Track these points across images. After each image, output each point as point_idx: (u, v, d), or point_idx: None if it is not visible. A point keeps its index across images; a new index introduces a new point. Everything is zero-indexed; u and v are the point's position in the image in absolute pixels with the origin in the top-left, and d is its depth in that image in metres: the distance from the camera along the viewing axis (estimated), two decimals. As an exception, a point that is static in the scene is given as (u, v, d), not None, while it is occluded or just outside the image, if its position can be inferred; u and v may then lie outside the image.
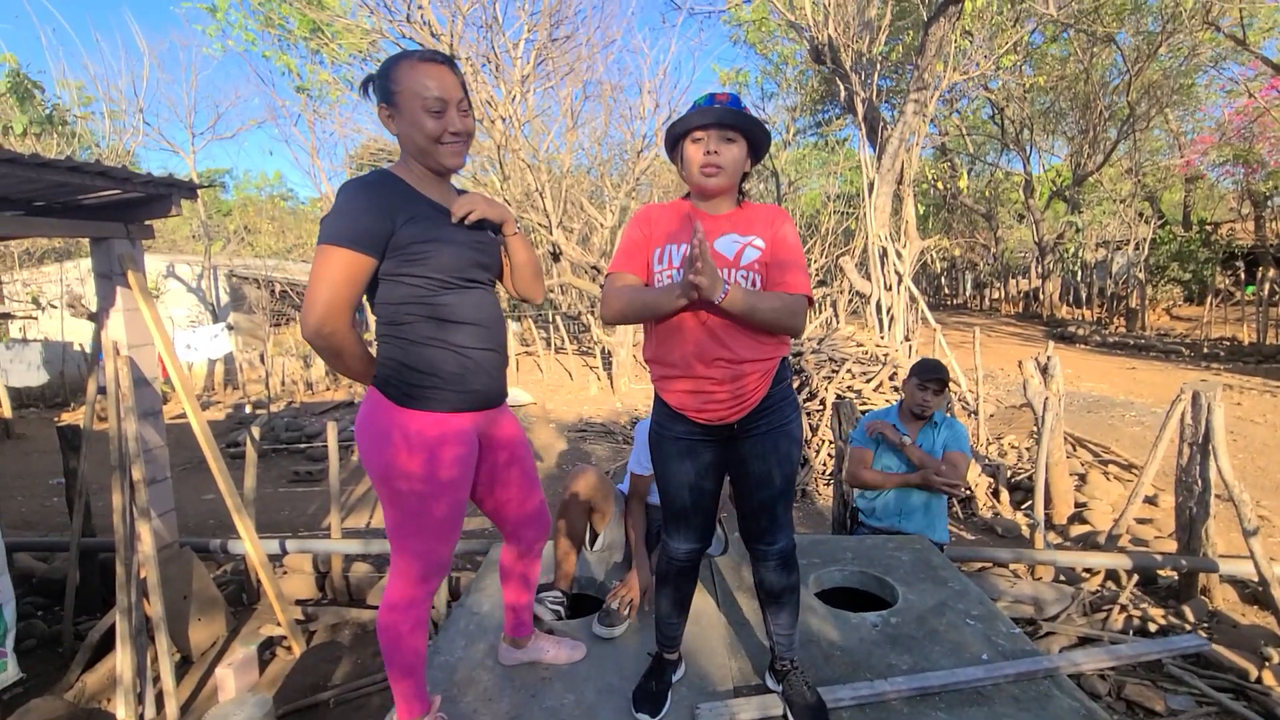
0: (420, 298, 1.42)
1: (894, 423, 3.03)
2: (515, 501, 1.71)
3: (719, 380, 1.53)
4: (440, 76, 1.41)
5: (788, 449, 1.61)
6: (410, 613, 1.50)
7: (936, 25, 6.72)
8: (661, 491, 1.70)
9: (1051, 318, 17.48)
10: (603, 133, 11.86)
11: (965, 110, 16.67)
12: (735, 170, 1.59)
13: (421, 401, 1.43)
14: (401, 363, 1.43)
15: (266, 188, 29.25)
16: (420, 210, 1.43)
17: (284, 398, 12.15)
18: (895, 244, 7.99)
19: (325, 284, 1.34)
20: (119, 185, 3.43)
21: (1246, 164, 13.18)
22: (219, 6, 10.32)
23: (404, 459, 1.41)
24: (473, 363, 1.48)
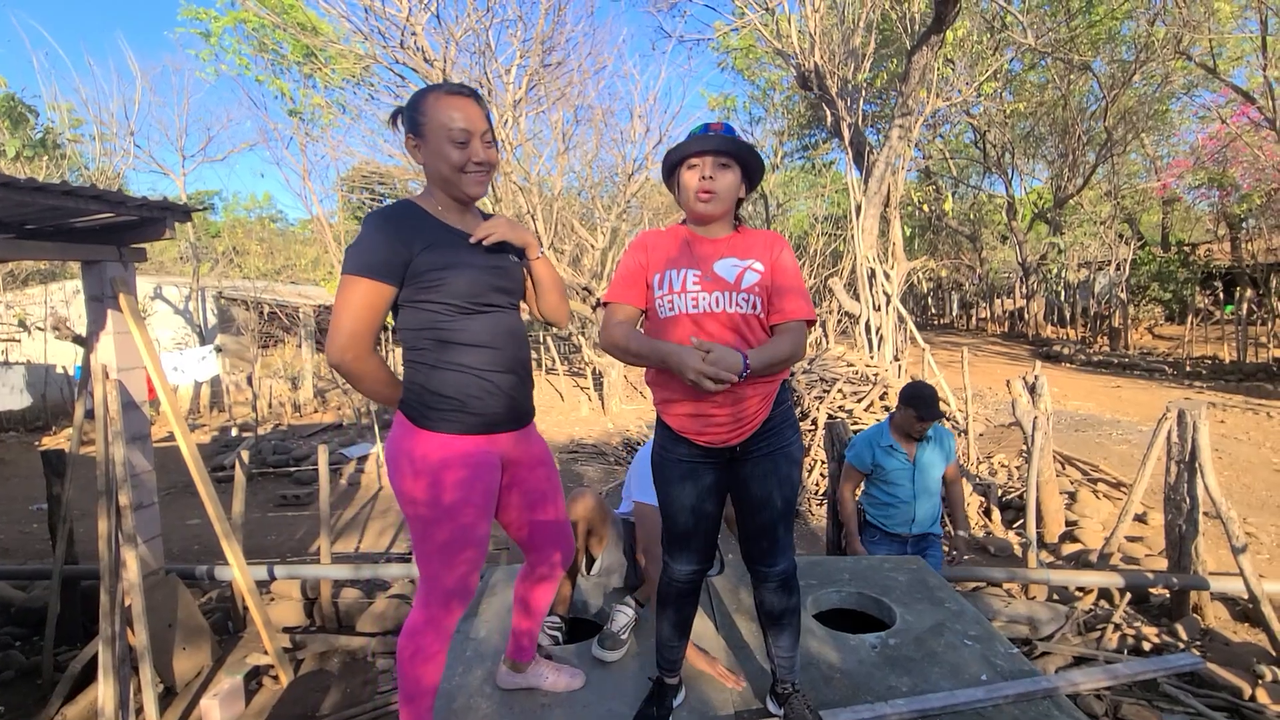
0: (436, 323, 1.46)
1: (887, 441, 3.07)
2: (538, 521, 1.71)
3: (720, 404, 1.55)
4: (466, 109, 1.46)
5: (788, 471, 1.63)
6: (414, 639, 1.50)
7: (919, 53, 6.90)
8: (664, 515, 1.70)
9: (1037, 337, 17.71)
10: (593, 156, 12.01)
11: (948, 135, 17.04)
12: (730, 196, 1.63)
13: (435, 423, 1.46)
14: (423, 386, 1.47)
15: (256, 209, 29.24)
16: (438, 237, 1.47)
17: (271, 420, 12.01)
18: (883, 265, 8.10)
19: (348, 312, 1.39)
20: (113, 209, 3.43)
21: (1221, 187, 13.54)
22: (213, 31, 10.41)
23: (408, 483, 1.44)
24: (491, 384, 1.50)
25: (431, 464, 1.44)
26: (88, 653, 3.43)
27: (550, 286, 1.68)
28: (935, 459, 3.07)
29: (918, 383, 3.13)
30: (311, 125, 11.72)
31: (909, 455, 3.07)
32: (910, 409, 2.98)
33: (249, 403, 12.45)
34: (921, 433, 2.99)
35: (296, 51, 10.77)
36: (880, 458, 3.10)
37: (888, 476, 3.09)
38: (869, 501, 3.21)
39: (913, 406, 2.97)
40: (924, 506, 3.05)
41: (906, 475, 3.06)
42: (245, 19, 10.89)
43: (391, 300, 1.45)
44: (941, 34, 6.75)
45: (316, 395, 13.25)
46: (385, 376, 1.51)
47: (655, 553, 2.22)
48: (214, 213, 28.70)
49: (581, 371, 15.54)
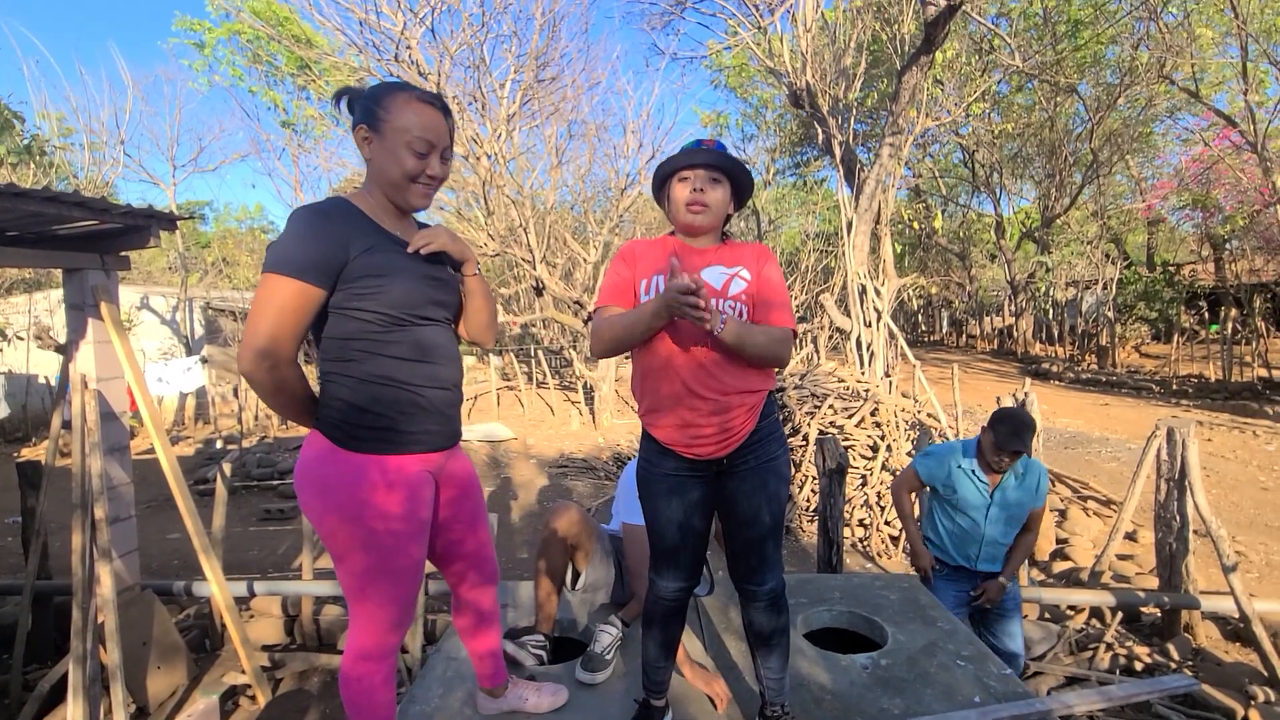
0: (367, 333, 1.35)
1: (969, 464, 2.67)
2: (469, 542, 1.62)
3: (706, 414, 1.53)
4: (433, 119, 1.40)
5: (776, 486, 1.60)
6: (385, 663, 1.43)
7: (909, 74, 6.98)
8: (650, 531, 1.67)
9: (1026, 355, 17.84)
10: (587, 170, 12.05)
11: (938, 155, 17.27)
12: (720, 210, 1.62)
13: (362, 443, 1.35)
14: (348, 403, 1.35)
15: (247, 220, 29.13)
16: (377, 242, 1.37)
17: (257, 433, 11.85)
18: (874, 281, 8.14)
19: (268, 314, 1.26)
20: (96, 216, 3.38)
21: (1204, 208, 13.77)
22: (207, 42, 10.41)
23: (333, 511, 1.34)
24: (426, 401, 1.41)
25: (360, 488, 1.33)
26: (58, 671, 3.32)
27: (483, 305, 1.59)
28: (1021, 499, 2.65)
29: (1009, 407, 2.75)
30: (304, 137, 11.72)
31: (990, 485, 2.64)
32: (991, 433, 2.57)
33: (235, 415, 12.28)
34: (1002, 465, 2.56)
35: (291, 64, 10.78)
36: (956, 479, 2.67)
37: (958, 502, 2.67)
38: (928, 524, 2.84)
39: (994, 431, 2.56)
40: (992, 547, 2.68)
41: (981, 508, 2.64)
42: (240, 31, 10.92)
43: (319, 305, 1.32)
44: (931, 55, 6.84)
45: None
46: (304, 392, 1.39)
47: (644, 575, 2.17)
48: (204, 223, 28.58)
49: (572, 385, 15.48)
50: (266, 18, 10.32)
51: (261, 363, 1.28)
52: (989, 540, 2.65)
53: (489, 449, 9.89)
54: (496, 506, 7.07)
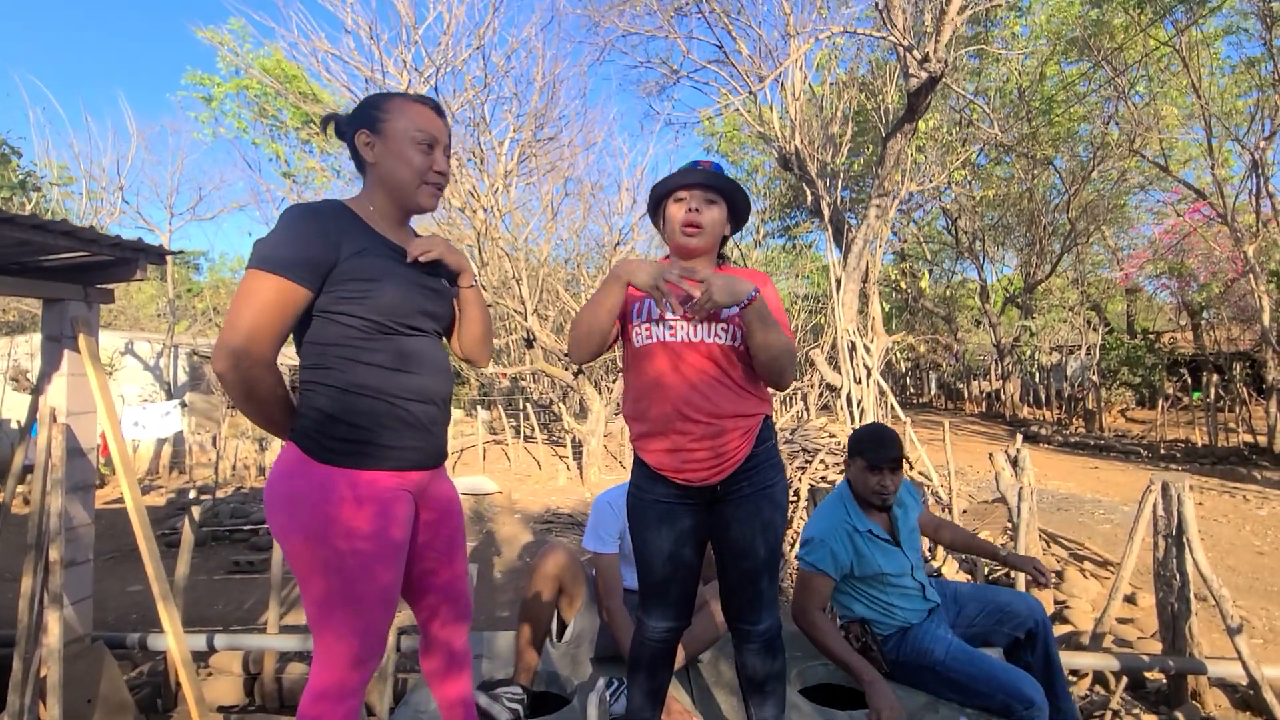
0: (351, 340, 1.29)
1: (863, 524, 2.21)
2: (443, 572, 1.50)
3: (699, 437, 1.47)
4: (431, 117, 1.40)
5: (771, 515, 1.53)
6: (343, 705, 1.29)
7: (894, 140, 7.26)
8: (638, 562, 1.57)
9: (1014, 418, 17.91)
10: (581, 226, 12.28)
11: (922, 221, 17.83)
12: (715, 231, 1.61)
13: (338, 456, 1.27)
14: (327, 413, 1.28)
15: (241, 270, 29.24)
16: (369, 245, 1.33)
17: (233, 483, 11.52)
18: (863, 339, 8.20)
19: (250, 310, 1.20)
20: (84, 246, 3.35)
21: (1180, 276, 14.19)
22: (214, 96, 10.71)
23: (303, 529, 1.24)
24: (411, 416, 1.34)
25: (327, 503, 1.24)
26: (-11, 730, 3.06)
27: (477, 319, 1.53)
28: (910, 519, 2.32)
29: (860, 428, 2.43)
30: (304, 188, 11.92)
31: (889, 534, 2.23)
32: (860, 459, 2.18)
33: (211, 464, 11.97)
34: (887, 491, 2.17)
35: (295, 118, 11.09)
36: (862, 548, 2.16)
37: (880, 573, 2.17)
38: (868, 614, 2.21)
39: (859, 453, 2.19)
40: (924, 566, 2.33)
41: (898, 555, 2.21)
42: (248, 86, 11.27)
43: (304, 306, 1.27)
44: (914, 123, 7.13)
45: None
46: (281, 396, 1.31)
47: (618, 609, 2.06)
48: (198, 273, 28.69)
49: (561, 440, 15.26)
50: (275, 75, 10.68)
51: (236, 362, 1.21)
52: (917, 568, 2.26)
53: (473, 503, 9.62)
54: (478, 562, 6.80)
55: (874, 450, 2.17)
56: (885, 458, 2.15)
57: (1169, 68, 11.05)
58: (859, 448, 2.22)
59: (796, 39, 7.61)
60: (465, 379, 17.83)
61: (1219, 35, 10.72)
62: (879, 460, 2.15)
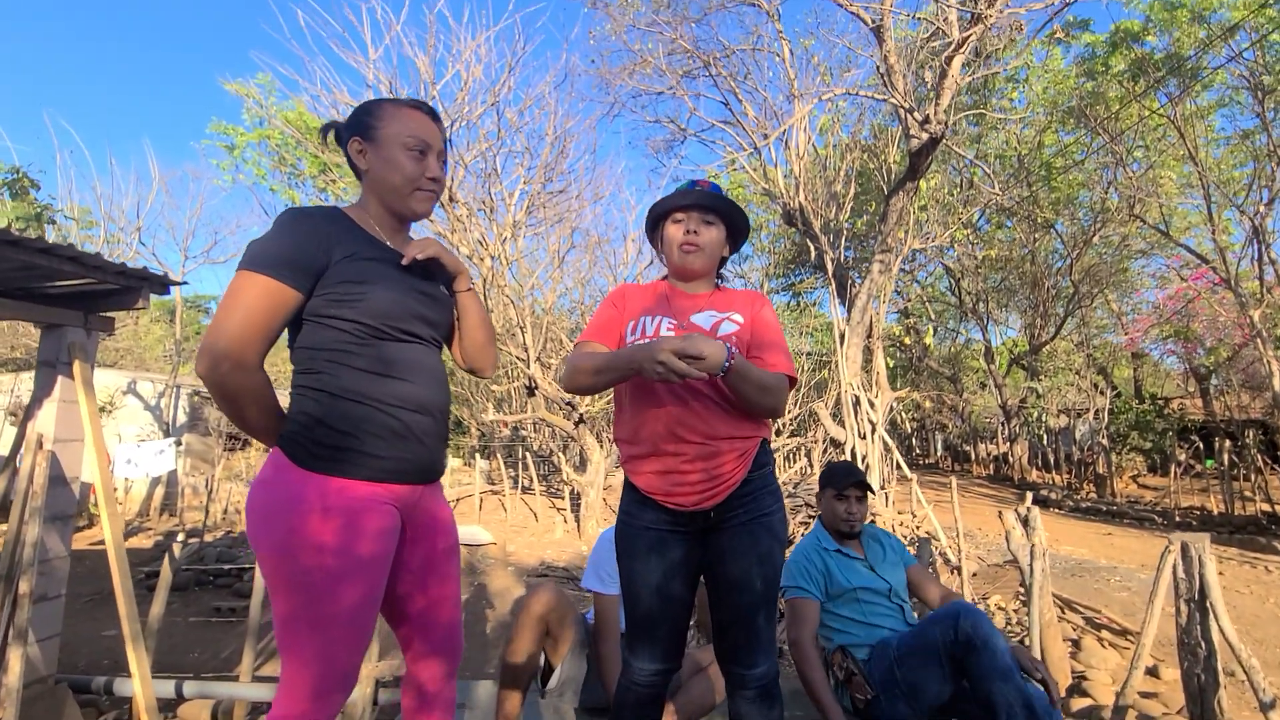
0: (343, 344, 1.25)
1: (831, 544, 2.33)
2: (417, 599, 1.38)
3: (691, 459, 1.39)
4: (425, 122, 1.38)
5: (769, 545, 1.43)
6: None
7: (896, 197, 7.38)
8: (625, 598, 1.47)
9: (1023, 481, 17.55)
10: (587, 276, 12.41)
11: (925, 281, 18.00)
12: (714, 252, 1.58)
13: (325, 463, 1.20)
14: (315, 418, 1.23)
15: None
16: (363, 249, 1.31)
17: (224, 527, 11.27)
18: (867, 393, 8.12)
19: (238, 312, 1.17)
20: (89, 272, 3.36)
21: (1186, 340, 14.14)
22: (237, 144, 11.07)
23: (282, 539, 1.16)
24: (401, 425, 1.27)
25: (294, 512, 1.16)
26: (-68, 777, 2.86)
27: (478, 324, 1.49)
28: (893, 560, 2.35)
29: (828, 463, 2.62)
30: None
31: (861, 556, 2.32)
32: (829, 489, 2.32)
33: (203, 507, 11.75)
34: (854, 517, 2.29)
35: (313, 167, 11.42)
36: (831, 566, 2.26)
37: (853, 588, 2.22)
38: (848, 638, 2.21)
39: (826, 484, 2.32)
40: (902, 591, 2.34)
41: (868, 573, 2.27)
42: (270, 136, 11.66)
43: (293, 311, 1.24)
44: (916, 182, 7.26)
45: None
46: (269, 401, 1.26)
47: (612, 655, 1.92)
48: (207, 316, 29.01)
49: (559, 492, 14.99)
50: (297, 125, 11.07)
51: (219, 364, 1.16)
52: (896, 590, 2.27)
53: (466, 554, 9.36)
54: (468, 614, 6.54)
55: (839, 478, 2.34)
56: (849, 482, 2.31)
57: (1164, 137, 11.34)
58: (826, 480, 2.41)
59: (800, 100, 7.88)
60: (466, 428, 17.70)
61: (1212, 108, 11.05)
62: (843, 485, 2.31)
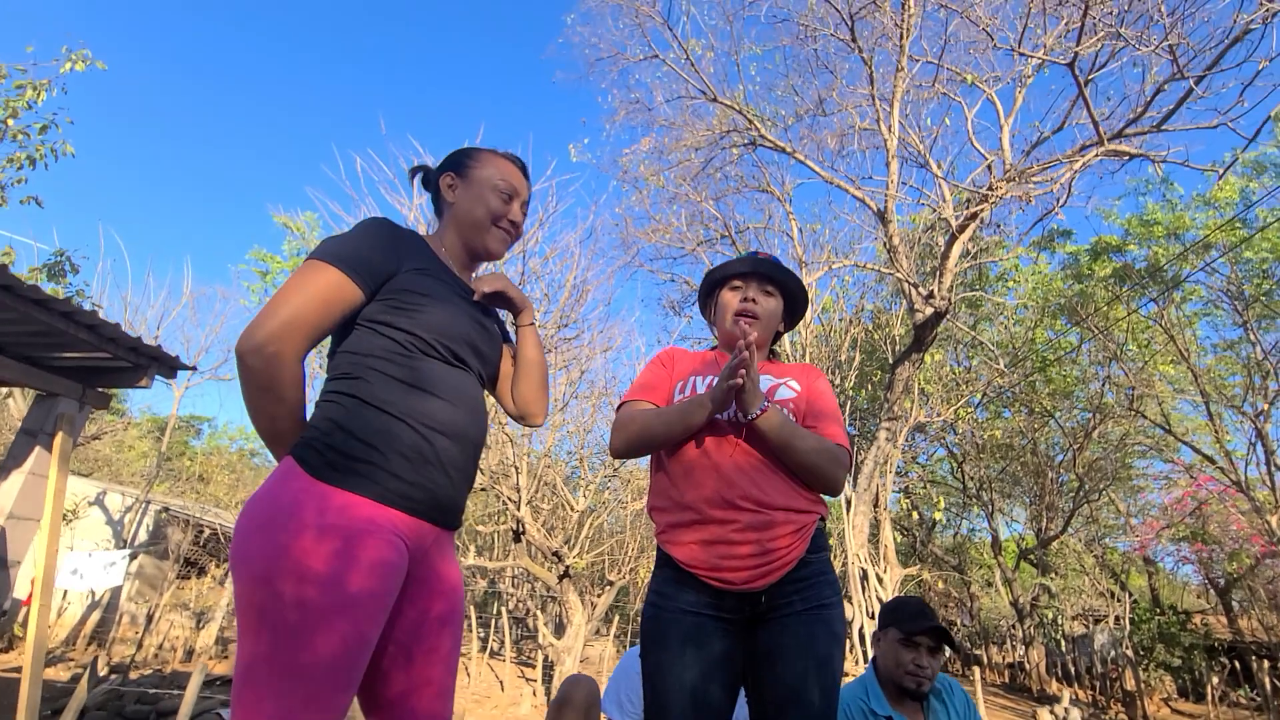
0: (393, 354, 1.18)
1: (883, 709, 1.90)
2: (397, 680, 1.13)
3: (743, 528, 1.20)
4: (515, 172, 1.44)
5: (829, 649, 1.18)
6: None
7: (902, 367, 7.54)
8: (650, 701, 1.19)
9: (1042, 693, 15.90)
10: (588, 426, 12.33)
11: (927, 465, 17.82)
12: (771, 324, 1.51)
13: (341, 476, 1.06)
14: (339, 424, 1.11)
15: (241, 441, 29.10)
16: (432, 267, 1.29)
17: (154, 665, 10.07)
18: (875, 568, 7.65)
19: (294, 296, 1.12)
20: (103, 344, 3.31)
21: (1203, 543, 13.58)
22: (271, 270, 11.66)
23: (303, 547, 0.98)
24: (430, 449, 1.14)
25: (310, 533, 1.00)
26: None
27: (535, 363, 1.43)
28: None
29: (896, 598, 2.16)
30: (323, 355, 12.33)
31: None
32: (893, 629, 1.90)
33: (136, 640, 10.60)
34: (920, 676, 1.87)
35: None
36: None
37: None
38: None
39: (895, 626, 1.91)
40: None
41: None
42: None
43: (350, 310, 1.18)
44: (921, 353, 7.46)
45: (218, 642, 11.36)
46: (297, 400, 1.15)
47: None
48: (197, 438, 28.56)
49: (531, 660, 13.62)
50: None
51: (263, 345, 1.07)
52: None
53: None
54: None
55: (911, 619, 1.85)
56: (923, 627, 1.83)
57: (1151, 343, 11.89)
58: (892, 617, 1.93)
59: (809, 269, 8.40)
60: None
61: (1195, 318, 11.70)
62: (915, 630, 1.82)
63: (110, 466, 17.46)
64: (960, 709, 1.99)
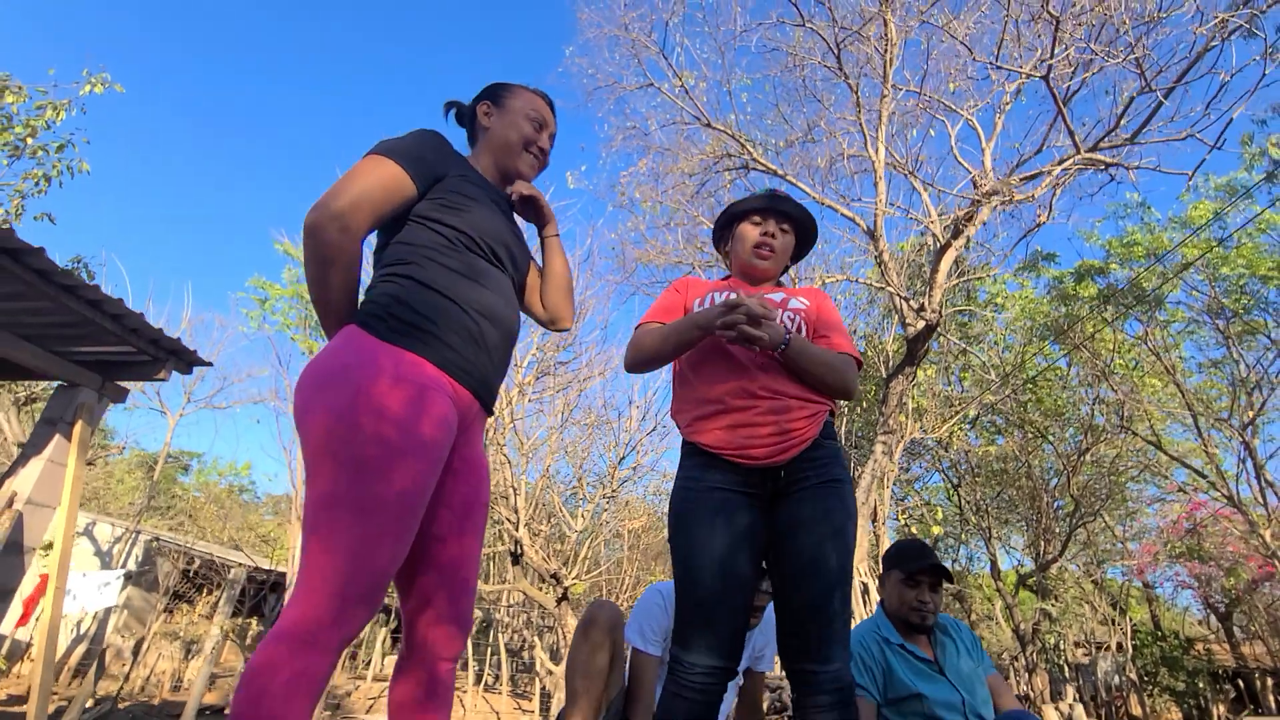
0: (444, 246, 1.32)
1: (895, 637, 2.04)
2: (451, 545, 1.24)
3: (763, 412, 1.35)
4: (545, 106, 1.59)
5: (843, 521, 1.31)
6: (299, 657, 0.96)
7: (896, 381, 7.68)
8: (681, 579, 1.28)
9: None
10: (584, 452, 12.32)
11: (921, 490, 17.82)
12: (783, 259, 1.67)
13: (409, 340, 1.18)
14: (398, 299, 1.24)
15: (231, 477, 28.69)
16: (473, 176, 1.44)
17: (140, 698, 9.80)
18: (874, 582, 7.65)
19: (360, 182, 1.24)
20: (126, 335, 3.40)
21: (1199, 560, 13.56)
22: (269, 297, 11.78)
23: (381, 391, 1.09)
24: (476, 329, 1.28)
25: (362, 374, 1.11)
26: None
27: (561, 272, 1.58)
28: (966, 664, 2.05)
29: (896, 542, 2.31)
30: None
31: (930, 657, 2.01)
32: (896, 572, 2.05)
33: (122, 675, 10.31)
34: (926, 608, 2.01)
35: (337, 324, 12.00)
36: (894, 661, 1.97)
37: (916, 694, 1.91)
38: None
39: (895, 564, 2.07)
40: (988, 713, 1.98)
41: (940, 685, 1.94)
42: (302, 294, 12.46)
43: (405, 203, 1.31)
44: (914, 366, 7.62)
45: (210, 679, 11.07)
46: (354, 275, 1.28)
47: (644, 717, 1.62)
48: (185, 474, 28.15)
49: (526, 693, 13.32)
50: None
51: (329, 221, 1.19)
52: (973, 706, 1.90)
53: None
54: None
55: (911, 559, 2.05)
56: (923, 566, 2.02)
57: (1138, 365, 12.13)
58: (893, 560, 2.13)
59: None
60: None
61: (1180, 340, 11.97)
62: (916, 569, 2.01)
63: (99, 499, 17.23)
64: (968, 642, 2.12)
